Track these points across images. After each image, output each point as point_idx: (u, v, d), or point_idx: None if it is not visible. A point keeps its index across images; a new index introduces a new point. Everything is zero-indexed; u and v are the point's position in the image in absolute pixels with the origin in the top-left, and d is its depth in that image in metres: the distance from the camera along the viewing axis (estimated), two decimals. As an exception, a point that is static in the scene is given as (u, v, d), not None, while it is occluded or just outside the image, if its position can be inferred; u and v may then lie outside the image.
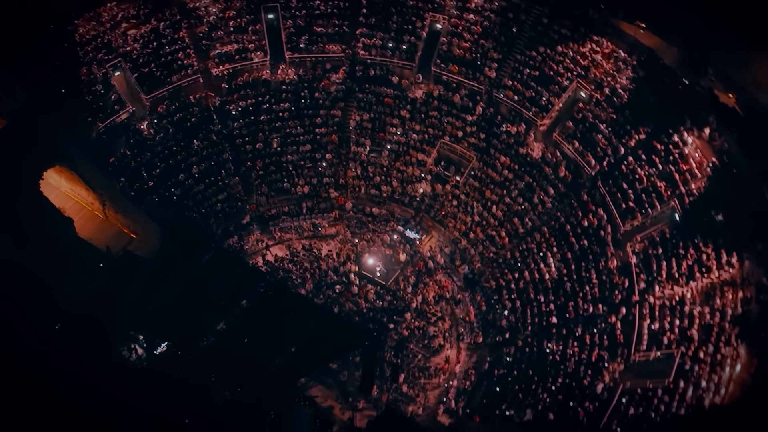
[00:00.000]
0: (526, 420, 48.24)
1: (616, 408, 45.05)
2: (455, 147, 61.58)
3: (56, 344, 45.21)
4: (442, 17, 62.48)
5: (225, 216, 60.36)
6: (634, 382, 45.91)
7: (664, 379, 44.64)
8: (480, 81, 61.54)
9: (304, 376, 45.94)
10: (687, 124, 52.94)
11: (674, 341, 46.02)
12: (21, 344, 41.45)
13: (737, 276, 46.13)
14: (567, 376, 48.99)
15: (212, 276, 46.72)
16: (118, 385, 42.62)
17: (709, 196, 50.11)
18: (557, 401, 47.80)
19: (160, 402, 42.51)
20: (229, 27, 61.90)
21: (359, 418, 49.67)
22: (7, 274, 45.71)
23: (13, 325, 42.14)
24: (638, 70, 56.42)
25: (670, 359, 45.48)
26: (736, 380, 42.45)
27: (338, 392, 51.08)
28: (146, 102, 58.53)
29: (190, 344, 45.87)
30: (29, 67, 53.22)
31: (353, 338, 46.60)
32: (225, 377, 46.47)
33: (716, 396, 42.21)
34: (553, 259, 55.33)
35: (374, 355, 46.55)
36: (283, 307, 45.32)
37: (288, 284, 54.33)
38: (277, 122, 62.86)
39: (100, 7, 57.79)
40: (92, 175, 53.63)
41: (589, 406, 45.95)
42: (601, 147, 56.03)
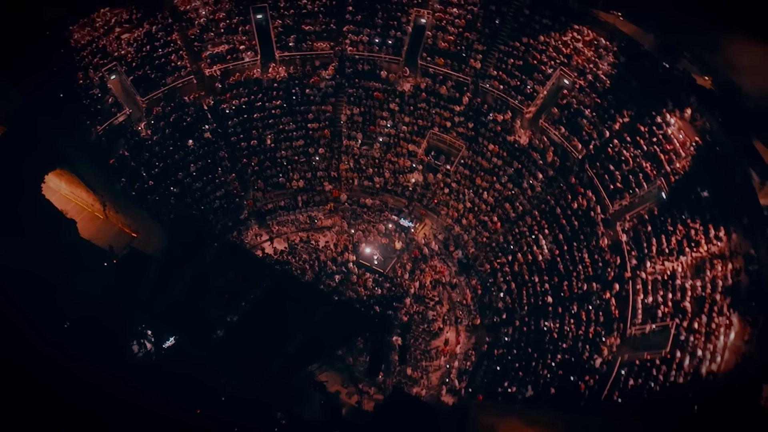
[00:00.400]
0: (528, 396, 48.83)
1: (616, 380, 45.79)
2: (444, 137, 62.06)
3: (66, 342, 45.56)
4: (426, 12, 62.84)
5: (223, 212, 60.55)
6: (632, 355, 46.66)
7: (661, 350, 45.47)
8: (466, 72, 62.01)
9: (313, 362, 46.22)
10: (669, 106, 53.81)
11: (668, 314, 46.84)
12: (30, 344, 41.75)
13: (725, 249, 47.01)
14: (565, 352, 49.71)
15: (219, 270, 46.97)
16: (129, 380, 43.03)
17: (694, 174, 50.99)
18: (557, 376, 48.49)
19: (168, 397, 42.90)
20: (220, 28, 61.96)
21: (366, 401, 50.07)
22: (12, 276, 45.95)
23: (22, 325, 42.43)
24: (619, 56, 57.22)
25: (665, 331, 46.29)
26: (731, 348, 43.31)
27: (345, 377, 51.42)
28: (142, 104, 58.56)
29: (202, 337, 46.09)
30: (27, 73, 53.23)
31: (360, 323, 46.98)
32: (235, 368, 46.83)
33: (713, 363, 43.04)
34: (545, 240, 56.05)
35: (381, 339, 46.99)
36: (290, 297, 45.62)
37: (291, 274, 54.59)
38: (270, 119, 63.05)
39: (94, 13, 57.63)
40: (93, 176, 53.80)
41: (589, 380, 46.67)
42: (587, 131, 56.77)
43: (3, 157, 51.98)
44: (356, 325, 46.78)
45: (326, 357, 47.80)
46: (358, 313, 52.17)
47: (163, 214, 57.39)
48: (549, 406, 46.94)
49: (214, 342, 46.24)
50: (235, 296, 45.95)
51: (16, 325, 42.77)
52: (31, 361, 42.20)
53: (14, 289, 44.75)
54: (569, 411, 45.55)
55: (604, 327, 49.33)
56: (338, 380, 51.03)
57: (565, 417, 45.09)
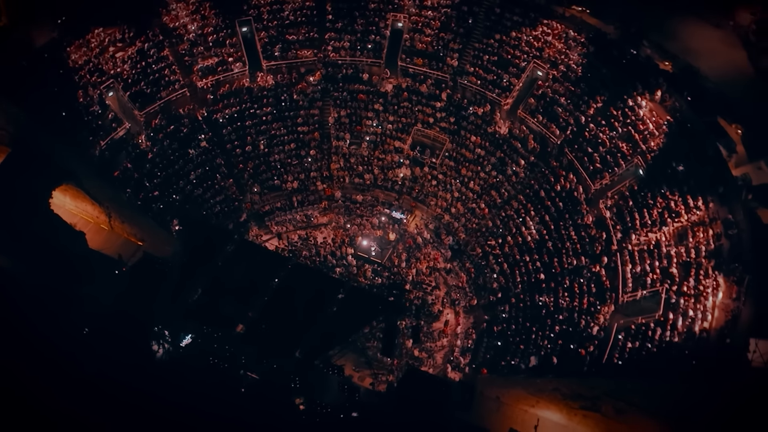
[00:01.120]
0: (532, 366, 49.96)
1: (615, 344, 47.15)
2: (428, 132, 63.18)
3: (86, 347, 45.75)
4: (403, 16, 64.00)
5: (224, 216, 61.01)
6: (627, 321, 48.05)
7: (654, 314, 46.88)
8: (444, 70, 63.23)
9: (333, 347, 46.87)
10: (639, 89, 55.63)
11: (657, 280, 48.31)
12: (47, 354, 41.92)
13: (705, 216, 48.70)
14: (563, 323, 50.94)
15: (233, 267, 47.56)
16: (152, 379, 43.37)
17: (669, 150, 52.73)
18: (558, 346, 49.70)
19: (192, 389, 43.38)
20: (208, 42, 62.47)
21: (379, 383, 50.83)
22: (26, 289, 46.12)
23: (40, 334, 42.59)
24: (588, 47, 58.96)
25: (656, 296, 47.74)
26: (720, 306, 44.94)
27: (359, 360, 52.16)
28: (140, 118, 58.92)
29: (225, 332, 46.54)
30: (30, 94, 53.44)
31: (375, 307, 47.72)
32: (257, 360, 47.41)
33: (704, 322, 44.58)
34: (533, 222, 57.38)
35: (395, 321, 47.77)
36: (305, 287, 46.36)
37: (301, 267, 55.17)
38: (262, 126, 63.66)
39: (88, 34, 57.94)
40: (99, 189, 54.22)
41: (588, 346, 47.88)
42: (563, 118, 58.27)
43: (10, 176, 52.24)
44: (374, 307, 47.52)
45: (344, 341, 48.44)
46: (376, 295, 53.04)
47: (169, 221, 57.68)
48: (553, 374, 48.01)
49: (236, 336, 46.72)
50: (252, 291, 46.49)
51: (33, 337, 43.10)
52: (51, 371, 42.54)
53: (28, 301, 45.06)
54: (573, 376, 46.67)
55: (597, 297, 50.68)
56: (352, 364, 51.72)
57: (568, 382, 46.40)
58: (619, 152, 54.69)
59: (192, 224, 53.26)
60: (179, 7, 62.14)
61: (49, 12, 58.25)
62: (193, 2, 62.58)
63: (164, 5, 61.79)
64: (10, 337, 42.68)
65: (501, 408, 49.47)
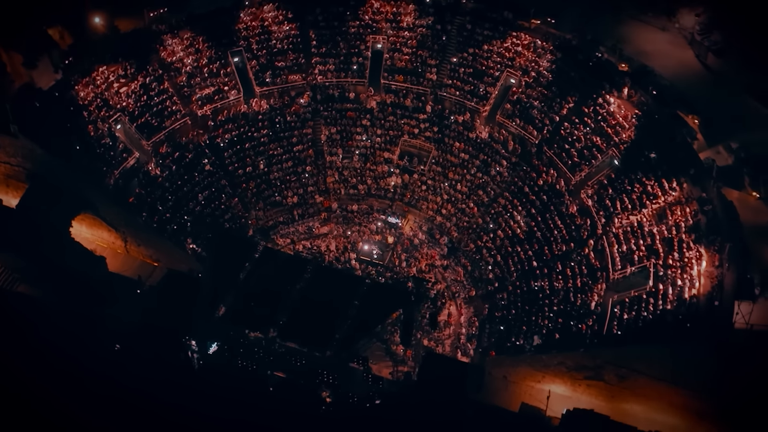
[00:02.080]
0: (536, 345, 51.54)
1: (612, 316, 48.99)
2: (414, 142, 65.07)
3: (117, 365, 46.35)
4: (381, 37, 65.81)
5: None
6: (620, 295, 49.89)
7: (645, 286, 48.78)
8: (424, 84, 65.32)
9: (361, 338, 48.04)
10: (606, 88, 57.84)
11: (644, 257, 50.35)
12: (78, 371, 42.49)
13: (681, 196, 51.15)
14: (560, 303, 52.74)
15: (263, 270, 48.69)
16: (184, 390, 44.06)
17: (640, 140, 55.34)
18: (559, 324, 51.35)
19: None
20: (204, 73, 63.59)
21: (398, 371, 51.97)
22: (53, 315, 46.62)
23: (69, 357, 43.14)
24: (555, 53, 61.32)
25: (644, 271, 49.82)
26: (705, 274, 47.07)
27: (378, 350, 53.20)
28: (148, 147, 59.79)
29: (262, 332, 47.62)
30: (46, 131, 53.98)
31: (395, 299, 49.06)
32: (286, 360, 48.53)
33: (692, 289, 46.67)
34: (520, 216, 59.30)
35: (412, 311, 49.11)
36: (328, 284, 47.72)
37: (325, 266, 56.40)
38: (260, 147, 64.93)
39: (93, 72, 58.63)
40: (116, 216, 54.79)
41: (588, 321, 49.57)
42: (539, 119, 60.64)
43: (30, 210, 52.73)
44: (393, 300, 48.84)
45: (369, 333, 49.60)
46: (395, 288, 54.78)
47: (183, 241, 58.51)
48: (557, 349, 49.57)
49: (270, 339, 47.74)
50: (281, 292, 47.66)
51: (63, 360, 43.65)
52: (81, 391, 43.10)
53: (55, 326, 45.62)
54: (577, 349, 48.28)
55: (589, 277, 52.53)
56: (371, 355, 52.64)
57: (573, 355, 48.01)
58: (594, 146, 57.00)
59: (219, 236, 54.30)
60: (175, 43, 63.20)
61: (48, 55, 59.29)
62: (187, 37, 63.67)
63: (161, 42, 62.49)
64: (41, 361, 43.33)
65: (509, 386, 50.99)
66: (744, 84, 61.01)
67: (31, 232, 51.10)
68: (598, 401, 47.86)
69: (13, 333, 44.87)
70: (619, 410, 46.89)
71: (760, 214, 51.92)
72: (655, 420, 45.60)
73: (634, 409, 47.47)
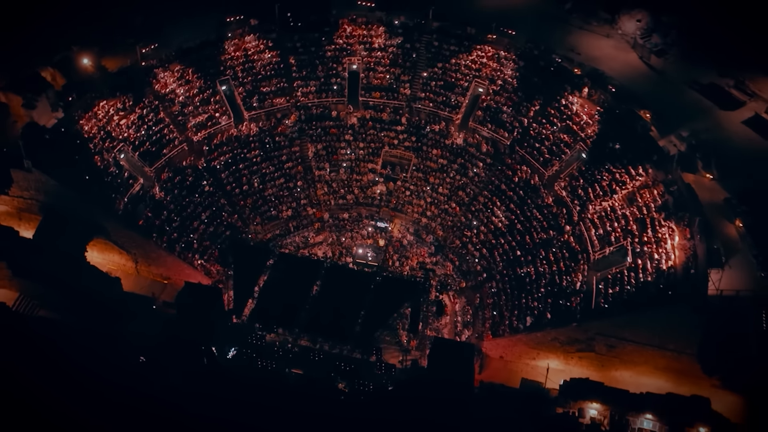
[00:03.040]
0: (529, 324, 53.13)
1: (598, 292, 50.83)
2: (395, 152, 66.62)
3: (144, 375, 46.82)
4: (356, 59, 67.11)
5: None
6: (603, 273, 51.77)
7: (624, 263, 50.75)
8: (399, 98, 66.86)
9: (376, 330, 49.23)
10: (568, 89, 60.03)
11: (620, 237, 52.33)
12: (99, 387, 42.86)
13: (647, 180, 53.35)
14: (547, 285, 54.41)
15: (281, 273, 49.81)
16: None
17: (604, 134, 57.55)
18: (548, 304, 53.05)
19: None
20: (196, 102, 64.22)
21: (406, 360, 53.10)
22: (75, 335, 46.92)
23: (92, 374, 43.54)
24: (518, 62, 63.36)
25: (622, 249, 51.82)
26: (678, 246, 49.25)
27: (389, 341, 54.24)
28: (151, 173, 60.17)
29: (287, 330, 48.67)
30: (57, 165, 54.20)
31: (404, 290, 50.41)
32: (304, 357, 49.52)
33: (669, 261, 48.76)
34: (500, 211, 61.01)
35: (418, 302, 50.45)
36: (342, 282, 48.98)
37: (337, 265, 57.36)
38: (253, 166, 65.73)
39: (94, 107, 59.02)
40: (127, 238, 55.17)
41: (575, 299, 51.37)
42: (509, 122, 62.66)
43: (46, 240, 52.96)
44: (402, 291, 50.18)
45: (383, 323, 50.82)
46: (403, 279, 55.92)
47: (191, 258, 59.07)
48: (550, 326, 51.27)
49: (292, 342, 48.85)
50: (300, 292, 48.90)
51: (86, 377, 44.04)
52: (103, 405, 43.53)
53: (77, 345, 45.98)
54: (569, 324, 50.04)
55: (571, 260, 54.43)
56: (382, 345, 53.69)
57: (565, 330, 49.78)
58: (562, 142, 59.17)
59: (238, 245, 55.02)
60: (166, 75, 63.71)
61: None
62: (177, 70, 64.17)
63: (153, 75, 63.03)
64: (64, 379, 43.61)
65: (507, 365, 52.65)
66: (685, 79, 63.87)
67: (49, 260, 51.35)
68: (590, 371, 49.74)
69: (38, 355, 45.13)
70: (610, 378, 48.79)
71: (715, 193, 54.65)
72: (643, 383, 47.61)
73: (623, 376, 49.47)
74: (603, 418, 44.56)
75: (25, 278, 51.01)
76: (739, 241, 51.44)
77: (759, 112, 59.96)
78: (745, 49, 63.31)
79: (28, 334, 48.02)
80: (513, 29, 65.98)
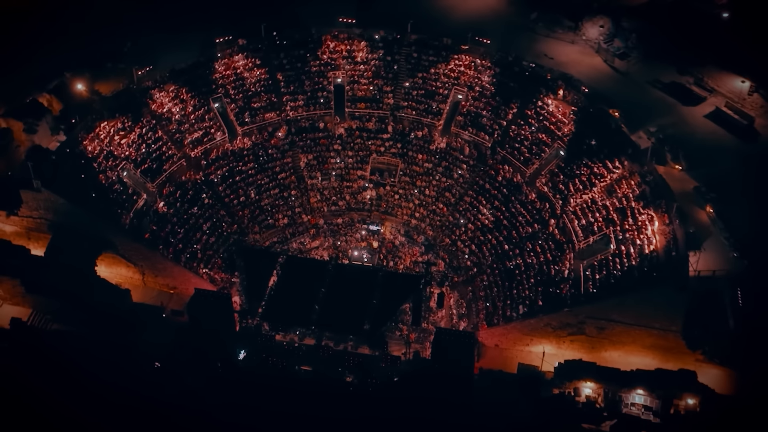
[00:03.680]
0: (523, 313, 54.14)
1: (586, 278, 51.98)
2: (382, 159, 67.31)
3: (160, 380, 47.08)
4: (340, 72, 67.81)
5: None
6: (589, 260, 52.97)
7: (608, 250, 52.03)
8: (383, 108, 67.55)
9: (384, 322, 49.97)
10: (543, 92, 61.33)
11: (602, 226, 53.59)
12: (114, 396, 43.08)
13: (624, 172, 54.75)
14: (536, 275, 55.46)
15: (290, 275, 50.41)
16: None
17: (580, 131, 58.80)
18: (539, 293, 54.11)
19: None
20: (191, 119, 64.39)
21: (409, 351, 53.77)
22: (90, 345, 47.06)
23: (107, 383, 43.73)
24: (494, 68, 64.51)
25: (605, 237, 53.12)
26: (659, 231, 50.61)
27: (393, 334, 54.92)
28: (153, 189, 60.26)
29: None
30: (64, 184, 54.27)
31: (408, 284, 51.26)
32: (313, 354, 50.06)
33: (650, 246, 50.09)
34: (486, 209, 61.98)
35: (420, 296, 51.26)
36: (348, 279, 49.75)
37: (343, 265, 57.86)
38: (249, 178, 66.00)
39: (96, 128, 59.11)
40: (134, 251, 55.34)
41: (565, 286, 52.51)
42: (489, 125, 63.74)
43: (57, 257, 52.97)
44: (405, 286, 51.00)
45: (391, 317, 51.55)
46: (403, 277, 57.05)
47: (196, 267, 59.30)
48: (542, 313, 52.34)
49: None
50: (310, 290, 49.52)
51: (103, 387, 44.22)
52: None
53: (92, 356, 46.12)
54: (560, 310, 51.16)
55: (557, 250, 55.55)
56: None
57: (557, 315, 50.89)
58: (540, 142, 60.33)
59: (246, 251, 55.35)
60: (162, 96, 63.79)
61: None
62: (172, 90, 64.30)
63: (150, 96, 63.21)
64: (82, 389, 43.72)
65: (502, 353, 53.53)
66: (648, 79, 65.74)
67: (61, 275, 51.36)
68: (581, 353, 50.84)
69: (53, 367, 45.18)
70: (601, 358, 49.95)
71: (684, 183, 56.23)
72: (632, 362, 48.86)
73: (613, 356, 50.69)
74: (597, 395, 45.64)
75: (38, 294, 50.90)
76: (710, 225, 52.80)
77: (719, 106, 61.51)
78: (701, 47, 65.50)
79: (43, 348, 48.03)
80: (489, 37, 67.01)
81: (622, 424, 44.52)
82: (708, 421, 43.63)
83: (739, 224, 52.55)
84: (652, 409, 44.80)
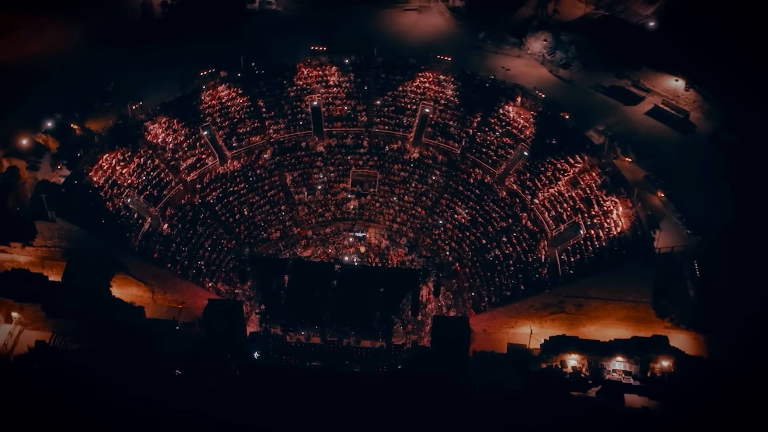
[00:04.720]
0: (507, 296, 55.81)
1: (562, 262, 53.93)
2: (362, 171, 68.18)
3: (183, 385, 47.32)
4: (316, 95, 68.82)
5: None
6: (563, 246, 55.03)
7: (579, 235, 54.17)
8: (358, 125, 68.58)
9: (391, 314, 51.09)
10: (504, 101, 63.44)
11: (571, 215, 55.77)
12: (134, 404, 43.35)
13: (585, 165, 57.08)
14: (515, 263, 57.30)
15: (300, 277, 51.22)
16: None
17: (541, 133, 61.03)
18: (520, 279, 55.92)
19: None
20: (184, 147, 64.46)
21: (409, 341, 54.94)
22: (110, 359, 47.16)
23: (127, 394, 43.97)
24: (456, 83, 66.37)
25: (575, 225, 55.21)
26: (624, 215, 52.93)
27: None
28: (156, 212, 60.21)
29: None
30: (76, 213, 54.21)
31: (408, 278, 52.51)
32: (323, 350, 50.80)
33: (617, 227, 52.33)
34: (461, 209, 63.68)
35: (418, 289, 52.53)
36: (354, 278, 50.77)
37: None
38: (241, 198, 66.15)
39: (99, 160, 59.07)
40: (144, 271, 55.45)
41: (543, 270, 54.45)
42: (456, 134, 65.47)
43: (72, 281, 52.84)
44: (406, 281, 52.24)
45: (395, 311, 52.64)
46: (403, 272, 58.11)
47: (202, 282, 59.55)
48: (525, 296, 54.15)
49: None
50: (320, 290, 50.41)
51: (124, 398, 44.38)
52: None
53: (114, 369, 46.22)
54: (543, 291, 53.06)
55: (532, 240, 57.43)
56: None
57: (539, 297, 52.75)
58: (505, 145, 62.39)
59: (257, 259, 55.75)
60: (155, 127, 63.79)
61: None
62: (163, 121, 64.29)
63: (144, 128, 63.28)
64: (108, 402, 43.81)
65: (490, 336, 54.91)
66: (590, 84, 68.72)
67: (78, 298, 51.21)
68: (562, 330, 52.50)
69: (80, 384, 45.01)
70: (580, 333, 51.69)
71: (635, 173, 58.94)
72: (608, 334, 50.81)
73: (590, 330, 52.56)
74: (582, 366, 47.09)
75: (58, 317, 50.55)
76: (663, 208, 55.51)
77: (657, 103, 64.51)
78: (634, 53, 68.92)
79: (68, 367, 47.74)
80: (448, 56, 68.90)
81: (606, 389, 46.12)
82: (682, 379, 45.73)
83: (687, 205, 55.47)
84: (631, 374, 46.36)
